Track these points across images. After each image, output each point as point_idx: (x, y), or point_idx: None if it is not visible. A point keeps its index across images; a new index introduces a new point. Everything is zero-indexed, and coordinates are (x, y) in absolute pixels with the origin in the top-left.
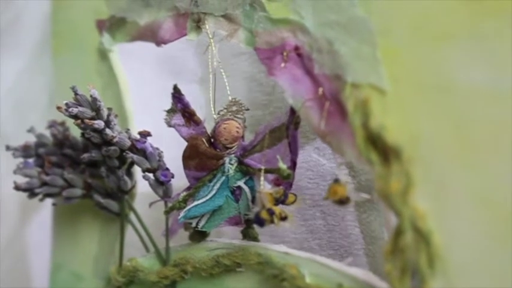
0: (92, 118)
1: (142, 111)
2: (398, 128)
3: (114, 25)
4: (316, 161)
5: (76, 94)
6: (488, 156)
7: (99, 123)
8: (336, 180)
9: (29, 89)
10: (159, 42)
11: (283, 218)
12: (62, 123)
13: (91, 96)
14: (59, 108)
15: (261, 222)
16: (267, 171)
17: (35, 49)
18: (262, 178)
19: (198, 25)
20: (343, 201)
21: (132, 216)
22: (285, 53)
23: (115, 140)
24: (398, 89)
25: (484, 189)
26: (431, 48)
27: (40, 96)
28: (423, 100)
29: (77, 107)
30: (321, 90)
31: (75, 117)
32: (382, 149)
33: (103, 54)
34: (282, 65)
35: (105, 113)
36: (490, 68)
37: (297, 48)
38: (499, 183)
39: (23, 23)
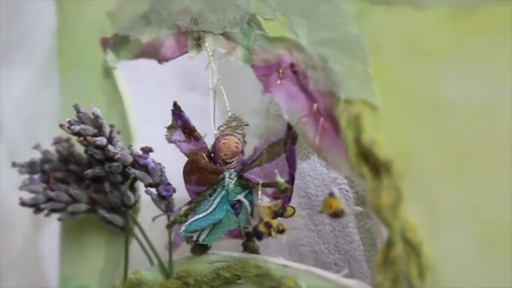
0: (94, 135)
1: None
2: (389, 143)
3: (117, 43)
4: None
5: (78, 112)
6: (476, 171)
7: (102, 140)
8: (331, 194)
9: (37, 104)
10: (161, 59)
11: (281, 231)
12: (67, 140)
13: (93, 113)
14: (61, 126)
15: (259, 236)
16: (264, 185)
17: (44, 65)
18: (259, 192)
19: (198, 43)
20: (337, 214)
21: (136, 230)
22: (281, 70)
23: (117, 156)
24: (389, 105)
25: (473, 203)
26: (421, 65)
27: (48, 111)
28: (413, 116)
29: (79, 125)
30: (315, 106)
31: (77, 134)
32: (374, 164)
33: (108, 72)
34: (278, 82)
35: (107, 130)
36: (476, 84)
37: (292, 66)
38: (487, 197)
39: (31, 39)
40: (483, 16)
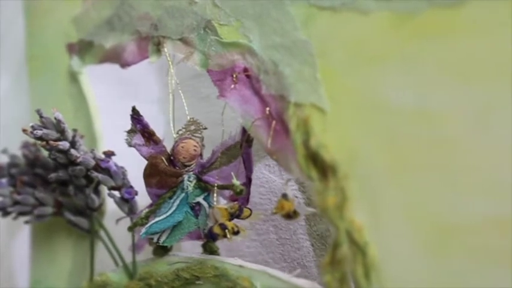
0: (57, 139)
1: (114, 130)
2: (336, 145)
3: (83, 48)
4: (267, 177)
5: (41, 117)
6: (418, 172)
7: (64, 144)
8: (284, 196)
9: (11, 109)
10: (124, 64)
11: (236, 233)
12: (34, 144)
13: (55, 118)
14: (24, 130)
15: (214, 237)
16: (220, 187)
17: (17, 71)
18: (215, 194)
19: (158, 48)
20: (290, 216)
21: (103, 233)
22: (235, 75)
23: (79, 160)
24: (336, 109)
25: (415, 204)
26: (365, 69)
27: (23, 115)
28: (359, 119)
29: (41, 129)
30: (268, 109)
31: (40, 138)
32: (321, 166)
33: (74, 77)
34: (232, 86)
35: (70, 134)
36: (418, 88)
37: (245, 70)
38: (429, 198)
39: (5, 45)
40: (423, 21)
